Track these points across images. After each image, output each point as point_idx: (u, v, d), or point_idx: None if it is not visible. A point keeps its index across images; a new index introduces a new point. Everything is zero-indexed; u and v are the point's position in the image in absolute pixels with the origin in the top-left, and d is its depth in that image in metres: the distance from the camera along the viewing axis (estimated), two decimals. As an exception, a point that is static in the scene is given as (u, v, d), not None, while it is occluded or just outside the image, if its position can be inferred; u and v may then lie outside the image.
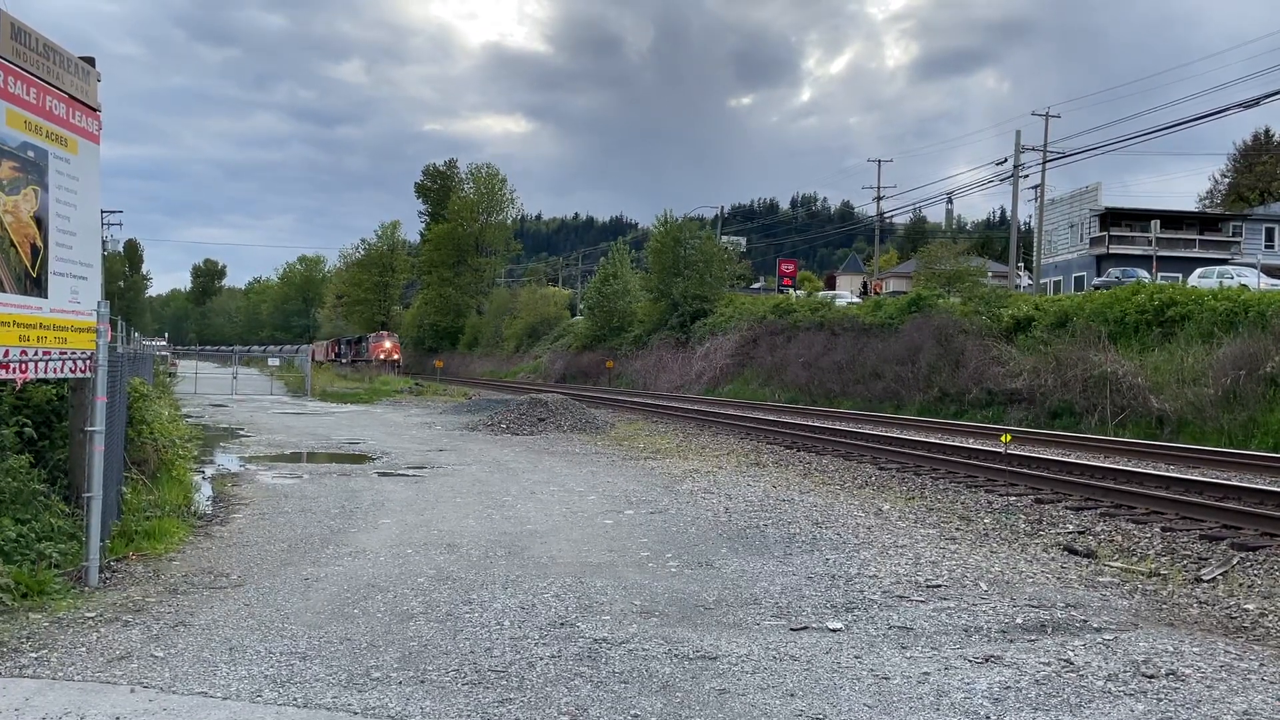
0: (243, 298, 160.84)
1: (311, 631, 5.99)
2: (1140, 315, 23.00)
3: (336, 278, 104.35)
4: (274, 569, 7.79)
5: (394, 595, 6.91)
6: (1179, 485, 11.85)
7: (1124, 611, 6.67)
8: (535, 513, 10.70)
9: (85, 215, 8.01)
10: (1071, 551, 8.62)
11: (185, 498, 10.60)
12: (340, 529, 9.63)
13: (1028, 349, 24.84)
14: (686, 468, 14.90)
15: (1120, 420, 20.31)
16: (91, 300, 7.85)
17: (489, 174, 79.85)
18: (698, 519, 10.25)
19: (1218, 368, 18.97)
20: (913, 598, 6.93)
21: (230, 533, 9.41)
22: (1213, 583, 7.50)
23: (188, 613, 6.39)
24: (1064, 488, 11.79)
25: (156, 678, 5.13)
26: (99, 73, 8.29)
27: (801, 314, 38.45)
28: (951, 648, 5.76)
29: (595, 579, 7.45)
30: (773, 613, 6.54)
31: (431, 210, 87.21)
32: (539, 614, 6.43)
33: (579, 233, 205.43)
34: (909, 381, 28.12)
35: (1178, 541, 8.80)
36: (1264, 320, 19.64)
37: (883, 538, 9.19)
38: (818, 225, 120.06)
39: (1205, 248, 51.30)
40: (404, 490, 12.50)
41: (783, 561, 8.15)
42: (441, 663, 5.42)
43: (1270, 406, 17.65)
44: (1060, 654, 5.60)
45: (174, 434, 12.35)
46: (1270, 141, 73.88)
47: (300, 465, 15.82)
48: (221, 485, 12.80)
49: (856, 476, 13.71)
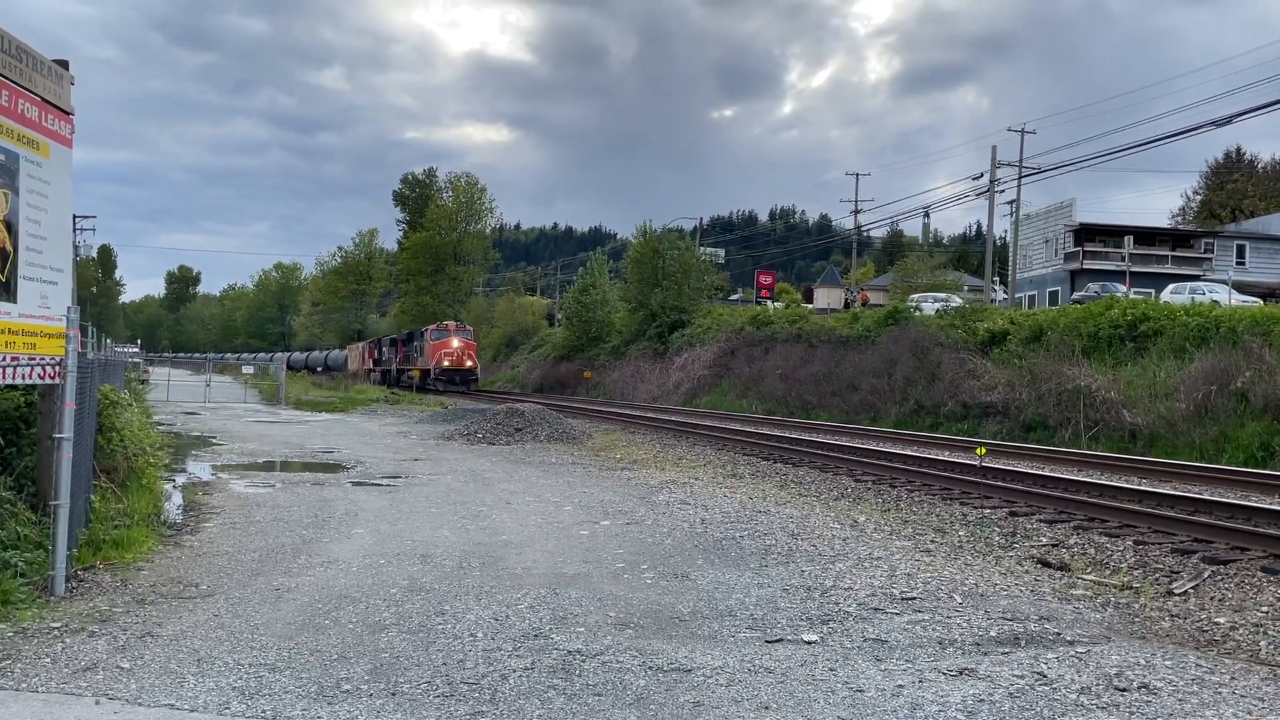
0: (217, 305, 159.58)
1: (281, 643, 5.91)
2: (1114, 330, 23.23)
3: (313, 285, 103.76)
4: (244, 579, 7.69)
5: (366, 606, 6.84)
6: (1151, 499, 11.94)
7: (1097, 624, 6.70)
8: (510, 523, 10.64)
9: (57, 220, 7.91)
10: (1045, 564, 8.65)
11: (155, 506, 10.46)
12: (312, 539, 9.54)
13: (1003, 363, 25.02)
14: (663, 478, 14.88)
15: (1094, 434, 20.47)
16: (62, 305, 7.74)
17: (468, 183, 79.58)
18: (674, 530, 10.23)
19: (1189, 383, 19.17)
20: (887, 610, 6.94)
21: (200, 542, 9.29)
22: (1184, 596, 7.55)
23: (155, 623, 6.29)
24: (1038, 501, 11.85)
25: (123, 689, 5.04)
26: (73, 76, 8.20)
27: (779, 325, 38.57)
28: (926, 660, 5.76)
29: (570, 590, 7.41)
30: (748, 625, 6.52)
31: (409, 219, 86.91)
32: (513, 625, 6.38)
33: (558, 242, 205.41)
34: (885, 394, 28.24)
35: (1150, 555, 8.86)
36: (1235, 336, 19.87)
37: (858, 550, 9.20)
38: (796, 238, 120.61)
39: (1178, 264, 51.95)
40: (378, 500, 12.40)
41: (758, 573, 8.14)
42: (413, 675, 5.36)
43: (1241, 421, 17.84)
44: (1034, 667, 5.62)
45: (145, 442, 12.19)
46: (1241, 160, 74.98)
47: (273, 474, 15.67)
48: (192, 494, 12.66)
49: (833, 488, 13.73)
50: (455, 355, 45.96)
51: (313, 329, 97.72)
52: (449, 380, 45.68)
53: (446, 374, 45.79)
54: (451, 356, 45.82)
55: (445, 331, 48.06)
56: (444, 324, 50.52)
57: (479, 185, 79.48)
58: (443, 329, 48.45)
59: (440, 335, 47.45)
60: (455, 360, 45.84)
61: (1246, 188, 71.53)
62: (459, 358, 46.09)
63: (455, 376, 46.06)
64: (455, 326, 49.72)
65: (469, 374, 46.74)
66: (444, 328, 48.83)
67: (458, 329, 49.10)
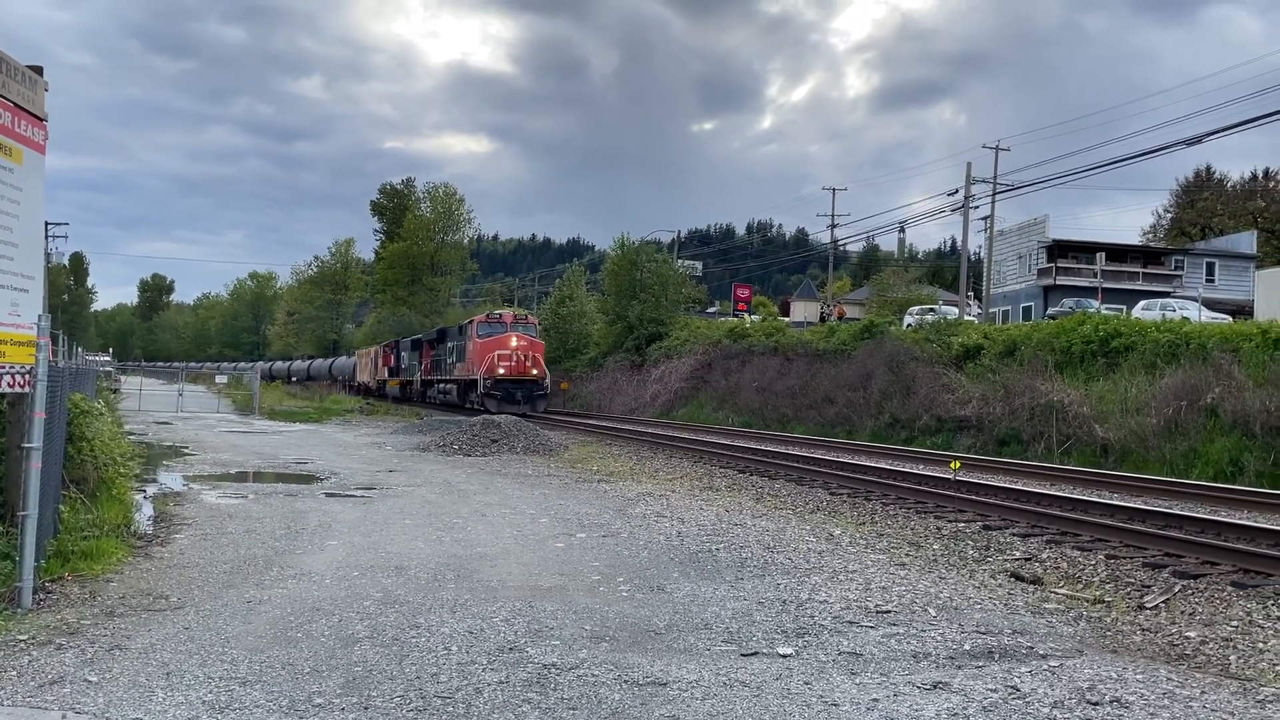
0: (191, 314, 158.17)
1: (252, 656, 5.85)
2: (1086, 345, 23.45)
3: (288, 295, 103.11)
4: (215, 591, 7.61)
5: (339, 619, 6.78)
6: (1123, 513, 12.05)
7: (1069, 638, 6.74)
8: (486, 535, 10.59)
9: (28, 227, 7.82)
10: (1018, 578, 8.71)
11: (125, 517, 10.33)
12: (285, 550, 9.45)
13: (977, 377, 25.19)
14: (639, 491, 14.86)
15: (1066, 448, 20.65)
16: (32, 313, 7.65)
17: (446, 193, 79.52)
18: (650, 543, 10.21)
19: (1160, 398, 19.37)
20: (863, 623, 6.95)
21: (171, 554, 9.18)
22: (1155, 610, 7.61)
23: (124, 636, 6.21)
24: (1011, 514, 11.93)
25: (90, 703, 4.97)
26: (46, 82, 8.12)
27: (756, 339, 38.68)
28: (900, 674, 5.77)
29: (545, 603, 7.38)
30: (724, 638, 6.52)
31: (387, 229, 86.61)
32: (487, 639, 6.35)
33: (536, 254, 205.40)
34: (861, 407, 28.36)
35: (1121, 569, 8.94)
36: (1204, 352, 20.11)
37: (834, 563, 9.22)
38: (773, 251, 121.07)
39: (1149, 281, 52.65)
40: (352, 511, 12.31)
41: (734, 586, 8.13)
42: (386, 688, 5.31)
43: (1210, 437, 18.05)
44: (1007, 680, 5.64)
45: (115, 451, 12.04)
46: (1211, 178, 76.06)
47: (245, 485, 15.53)
48: (163, 505, 12.51)
49: (808, 501, 13.76)
50: (515, 360, 33.20)
51: (288, 339, 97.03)
52: (506, 397, 32.76)
53: (503, 387, 32.97)
54: (509, 361, 33.12)
55: (498, 325, 34.90)
56: (495, 314, 37.62)
57: (457, 196, 79.38)
58: (494, 321, 35.45)
59: (491, 330, 34.56)
60: (515, 367, 33.14)
61: (1216, 206, 72.57)
62: (520, 363, 33.22)
63: (516, 391, 33.18)
64: (512, 317, 36.17)
65: (535, 387, 33.82)
66: (496, 319, 35.74)
67: (516, 321, 35.67)
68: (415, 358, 45.63)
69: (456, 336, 38.81)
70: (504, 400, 32.90)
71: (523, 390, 33.71)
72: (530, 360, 33.98)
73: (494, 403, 32.68)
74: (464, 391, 36.71)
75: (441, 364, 40.68)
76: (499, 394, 33.10)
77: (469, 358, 35.49)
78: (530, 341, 34.95)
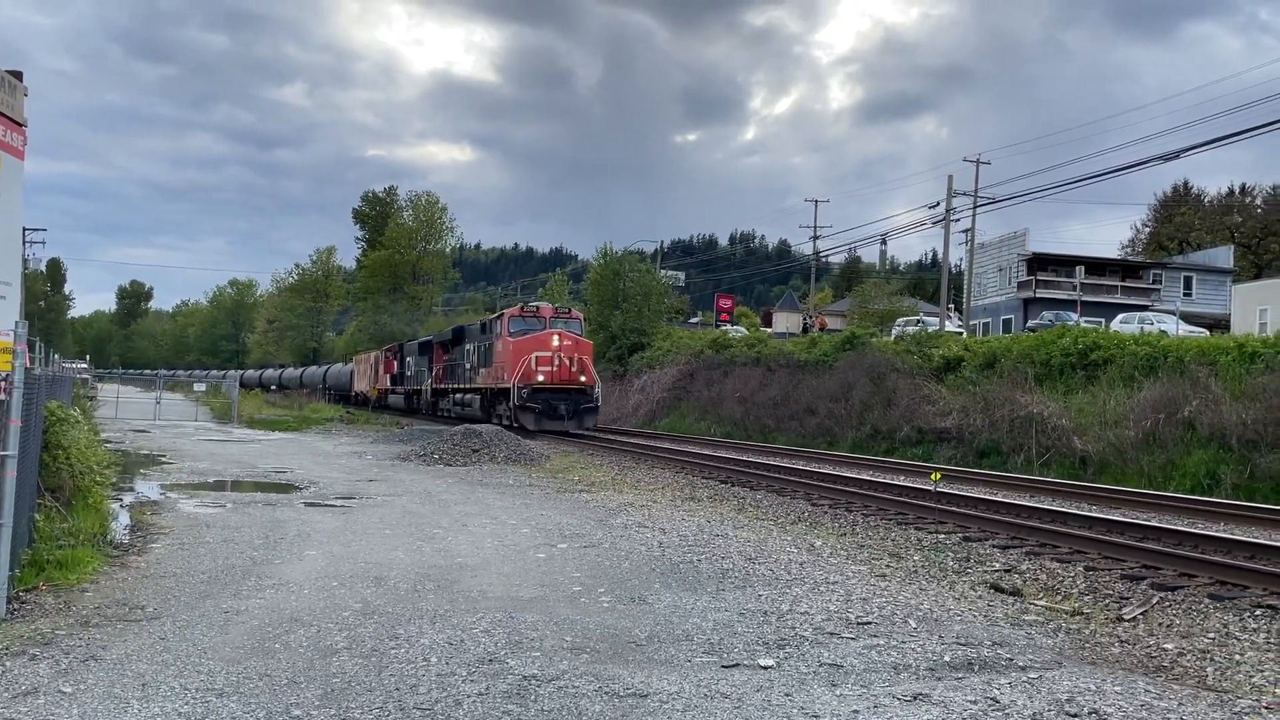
0: (170, 321, 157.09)
1: (229, 667, 5.79)
2: (1065, 358, 23.61)
3: (268, 303, 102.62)
4: (192, 601, 7.54)
5: (317, 630, 6.72)
6: (1101, 525, 12.12)
7: (1048, 650, 6.77)
8: (466, 545, 10.54)
9: (6, 232, 7.75)
10: (998, 589, 8.74)
11: (101, 526, 10.22)
12: (263, 560, 9.38)
13: (957, 389, 25.32)
14: (621, 501, 14.84)
15: (1045, 460, 20.77)
16: (9, 320, 7.57)
17: (429, 201, 79.52)
18: (631, 553, 10.19)
19: (1138, 411, 19.52)
20: (843, 635, 6.96)
21: (148, 563, 9.10)
22: (1133, 622, 7.66)
23: (99, 646, 6.14)
24: (991, 526, 11.98)
25: (64, 714, 4.91)
26: (26, 87, 8.06)
27: (738, 349, 38.76)
28: (881, 685, 5.78)
29: (526, 614, 7.35)
30: (705, 649, 6.51)
31: (369, 237, 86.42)
32: (467, 650, 6.31)
33: (519, 263, 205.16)
34: (842, 418, 28.44)
35: (1100, 581, 8.99)
36: (1182, 365, 20.29)
37: (815, 574, 9.23)
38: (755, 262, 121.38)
39: (1127, 294, 53.16)
40: (331, 521, 12.23)
41: (715, 597, 8.13)
42: (365, 700, 5.27)
43: (1188, 450, 18.19)
44: (986, 692, 5.66)
45: (92, 460, 11.93)
46: (1189, 193, 76.90)
47: (224, 494, 15.40)
48: (140, 514, 12.40)
49: (790, 512, 13.78)
50: (558, 363, 27.43)
51: (267, 347, 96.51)
52: (546, 410, 27.29)
53: (542, 397, 27.38)
54: (551, 365, 27.33)
55: (535, 320, 29.04)
56: (531, 306, 31.04)
57: (440, 204, 79.42)
58: (530, 315, 29.38)
59: (526, 327, 28.63)
60: (558, 372, 27.31)
61: (1193, 221, 73.39)
62: (564, 367, 27.45)
63: (559, 403, 27.52)
64: (552, 311, 29.97)
65: (582, 397, 28.14)
66: (533, 313, 29.63)
67: (558, 315, 29.66)
68: (424, 363, 39.94)
69: (479, 336, 32.49)
70: (544, 415, 27.44)
71: (568, 402, 27.80)
72: (577, 364, 27.89)
73: (531, 417, 27.40)
74: (489, 403, 30.70)
75: (458, 370, 34.82)
76: (537, 406, 27.45)
77: (497, 361, 29.38)
78: (576, 341, 28.82)
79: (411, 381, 42.55)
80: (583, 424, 28.40)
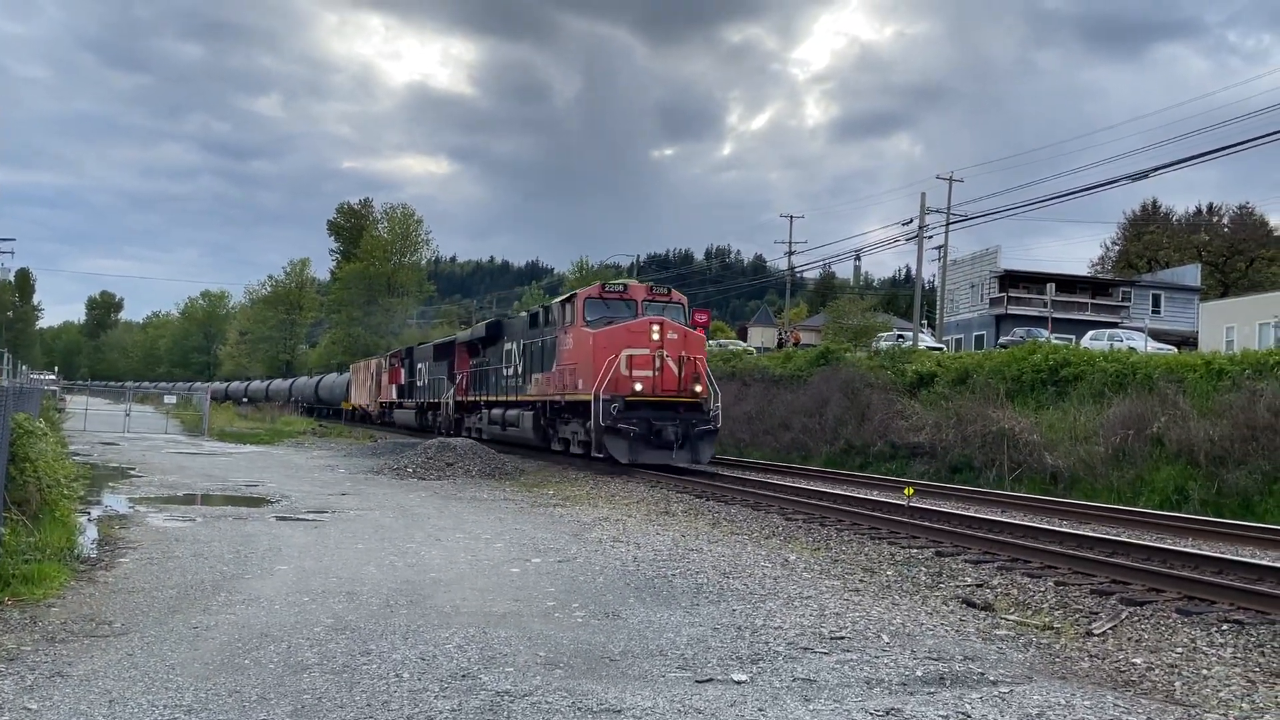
0: (140, 332, 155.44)
1: (198, 683, 5.73)
2: (1036, 374, 23.84)
3: (241, 314, 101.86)
4: (161, 617, 7.45)
5: (288, 645, 6.66)
6: (1071, 540, 12.23)
7: (1019, 664, 6.82)
8: (439, 560, 10.48)
9: (-26, 242, 7.66)
10: (970, 604, 8.79)
11: (69, 540, 10.09)
12: (234, 575, 9.28)
13: (930, 404, 25.49)
14: (596, 515, 14.81)
15: (1017, 475, 20.94)
16: (-24, 331, 7.48)
17: (404, 214, 79.32)
18: (606, 568, 10.18)
19: (1108, 427, 19.73)
20: (817, 649, 6.98)
21: (116, 578, 8.98)
22: (1103, 636, 7.72)
23: (66, 662, 6.06)
24: (963, 541, 12.05)
25: (27, 733, 4.83)
26: (-4, 96, 7.98)
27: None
28: (854, 700, 5.80)
29: (499, 629, 7.32)
30: (679, 664, 6.51)
31: (344, 249, 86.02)
32: (440, 665, 6.28)
33: (494, 276, 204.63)
34: (816, 433, 28.55)
35: (1070, 595, 9.06)
36: (1151, 382, 20.54)
37: (789, 589, 9.25)
38: (731, 277, 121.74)
39: (1097, 311, 53.80)
40: (303, 535, 12.13)
41: (690, 612, 8.13)
42: (336, 716, 5.23)
43: (1156, 465, 18.40)
44: (958, 707, 5.69)
45: (59, 473, 11.79)
46: (1157, 212, 78.02)
47: (194, 508, 15.24)
48: (108, 528, 12.24)
49: (764, 527, 13.80)
50: (660, 367, 20.12)
51: (240, 359, 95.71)
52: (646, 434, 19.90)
53: (640, 414, 20.01)
54: (650, 371, 20.08)
55: (621, 306, 21.53)
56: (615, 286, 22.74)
57: (415, 217, 79.24)
58: (614, 297, 21.75)
59: (611, 314, 21.30)
60: (663, 380, 20.14)
61: (1162, 239, 74.43)
62: (669, 374, 20.16)
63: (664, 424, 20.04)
64: (645, 292, 22.18)
65: (696, 416, 20.48)
66: (617, 294, 21.88)
67: (652, 298, 21.87)
68: (441, 370, 32.30)
69: (528, 331, 24.82)
70: (641, 440, 19.90)
71: (676, 423, 20.13)
72: (688, 368, 20.37)
73: (624, 445, 19.89)
74: (548, 421, 23.29)
75: (494, 377, 27.30)
76: (634, 427, 19.83)
77: (564, 363, 21.95)
78: (684, 334, 21.08)
79: (424, 393, 34.65)
80: (698, 455, 20.48)
